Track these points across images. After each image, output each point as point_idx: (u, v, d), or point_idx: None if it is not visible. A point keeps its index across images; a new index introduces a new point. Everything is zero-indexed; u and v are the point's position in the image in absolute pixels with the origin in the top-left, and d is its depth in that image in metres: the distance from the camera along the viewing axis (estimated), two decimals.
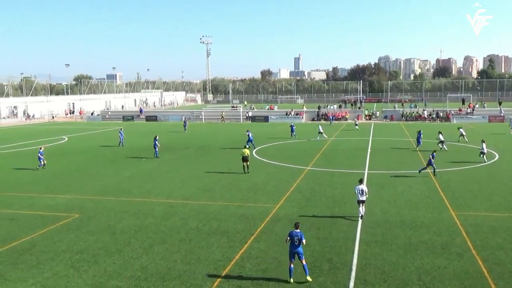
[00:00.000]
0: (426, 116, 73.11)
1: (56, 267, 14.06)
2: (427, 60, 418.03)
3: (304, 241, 13.04)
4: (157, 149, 35.73)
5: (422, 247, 15.32)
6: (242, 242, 16.00)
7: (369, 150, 38.16)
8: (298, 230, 13.05)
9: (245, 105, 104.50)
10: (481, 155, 32.45)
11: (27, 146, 45.11)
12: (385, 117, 74.70)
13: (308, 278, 12.84)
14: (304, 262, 12.98)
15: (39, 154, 31.63)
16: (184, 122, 60.24)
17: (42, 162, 31.51)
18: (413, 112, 75.78)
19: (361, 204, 18.50)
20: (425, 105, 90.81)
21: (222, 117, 76.33)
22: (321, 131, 47.66)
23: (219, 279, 13.04)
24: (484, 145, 32.86)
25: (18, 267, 14.13)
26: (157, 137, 36.74)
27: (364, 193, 18.56)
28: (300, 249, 12.98)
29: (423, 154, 35.48)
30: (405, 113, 75.37)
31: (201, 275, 13.35)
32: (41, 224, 18.36)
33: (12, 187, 25.60)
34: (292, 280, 12.82)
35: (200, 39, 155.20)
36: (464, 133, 43.58)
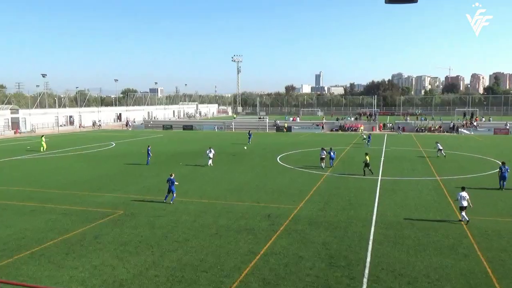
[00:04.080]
0: (437, 128, 71.74)
1: (103, 257, 14.28)
2: (437, 77, 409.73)
3: None
4: (149, 158, 34.65)
5: (431, 248, 14.95)
6: (266, 239, 15.94)
7: (382, 158, 37.59)
8: None
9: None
10: (438, 152, 38.14)
11: (81, 150, 46.13)
12: (397, 128, 72.82)
13: None
14: None
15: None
16: (249, 134, 54.41)
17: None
18: (424, 125, 74.46)
19: (464, 211, 18.02)
20: (433, 118, 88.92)
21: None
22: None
23: (245, 271, 13.02)
24: (438, 144, 38.81)
25: (70, 256, 14.42)
26: (149, 147, 35.79)
27: (466, 199, 18.06)
28: None
29: (432, 162, 34.75)
30: (416, 125, 74.17)
31: (230, 267, 13.34)
32: (91, 219, 18.70)
33: (66, 186, 26.19)
34: None
35: (232, 57, 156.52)
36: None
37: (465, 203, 18.13)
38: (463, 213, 18.04)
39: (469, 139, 60.09)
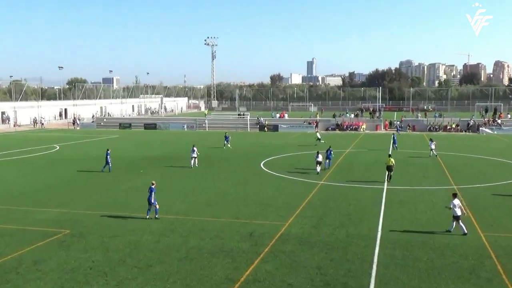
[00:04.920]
0: (454, 126, 72.92)
1: None
2: (453, 66, 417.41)
3: None
4: (110, 165, 34.59)
5: (447, 271, 15.18)
6: (247, 263, 15.94)
7: None
8: None
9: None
10: (431, 152, 41.42)
11: (16, 155, 45.43)
12: (398, 128, 70.66)
13: None
14: None
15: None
16: (226, 137, 52.02)
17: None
18: (439, 123, 75.48)
19: (460, 220, 19.17)
20: (441, 114, 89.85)
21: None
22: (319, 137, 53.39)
23: None
24: (432, 143, 41.82)
25: (3, 287, 14.18)
26: (109, 151, 35.50)
27: (459, 207, 19.30)
28: None
29: (448, 168, 35.30)
30: (429, 123, 75.30)
31: None
32: (29, 241, 18.41)
33: None
34: None
35: (205, 40, 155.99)
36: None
37: (459, 212, 19.15)
38: (460, 223, 19.15)
39: (491, 139, 61.31)
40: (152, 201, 21.63)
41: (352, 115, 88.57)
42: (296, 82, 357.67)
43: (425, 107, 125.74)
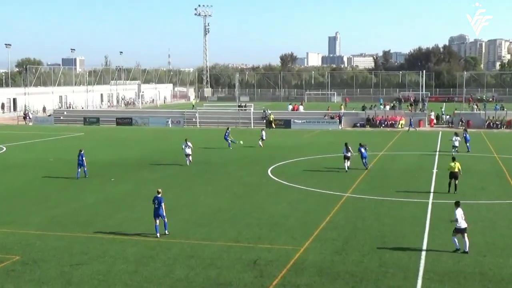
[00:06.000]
0: None
1: None
2: None
3: None
4: (85, 168, 35.43)
5: None
6: None
7: (435, 170, 37.92)
8: None
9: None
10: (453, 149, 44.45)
11: None
12: (411, 123, 71.08)
13: None
14: None
15: None
16: (227, 135, 52.45)
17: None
18: (501, 117, 74.83)
19: (464, 234, 19.96)
20: (502, 107, 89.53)
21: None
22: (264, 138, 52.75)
23: None
24: (457, 138, 45.08)
25: None
26: (83, 152, 36.12)
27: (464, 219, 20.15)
28: None
29: None
30: (487, 117, 74.89)
31: None
32: None
33: None
34: None
35: (195, 9, 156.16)
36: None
37: (464, 224, 20.03)
38: (465, 238, 19.94)
39: None
40: (163, 213, 22.35)
41: (387, 107, 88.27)
42: (314, 64, 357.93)
43: (479, 96, 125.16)
